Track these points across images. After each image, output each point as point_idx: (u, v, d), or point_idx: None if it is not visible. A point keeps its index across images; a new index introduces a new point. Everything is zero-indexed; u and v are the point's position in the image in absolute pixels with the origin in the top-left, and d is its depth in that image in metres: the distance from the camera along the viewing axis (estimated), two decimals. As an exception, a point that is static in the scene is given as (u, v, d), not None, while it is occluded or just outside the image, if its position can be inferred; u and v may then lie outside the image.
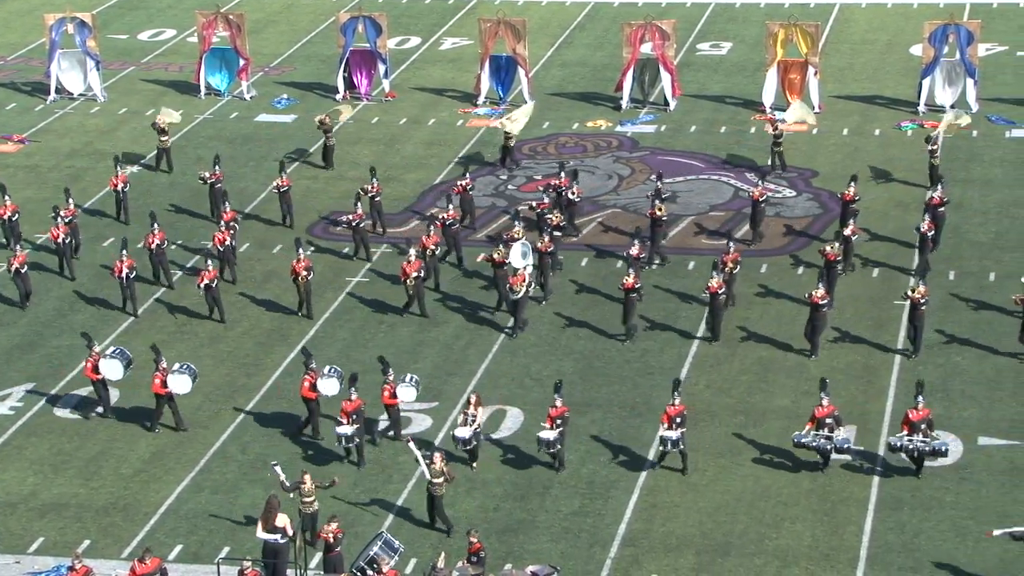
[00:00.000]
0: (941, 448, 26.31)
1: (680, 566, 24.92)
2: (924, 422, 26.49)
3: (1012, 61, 48.33)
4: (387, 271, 35.58)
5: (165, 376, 28.73)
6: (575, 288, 34.59)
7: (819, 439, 26.62)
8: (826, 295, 30.67)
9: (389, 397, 28.45)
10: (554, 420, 27.11)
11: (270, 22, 55.47)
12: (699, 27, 53.16)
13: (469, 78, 47.61)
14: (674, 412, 26.95)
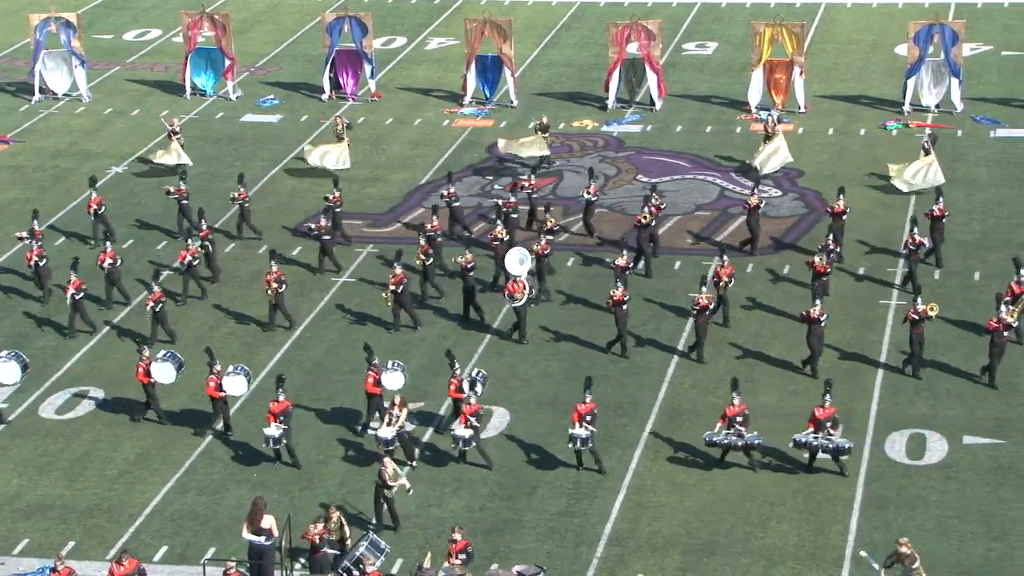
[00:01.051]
0: (843, 447, 26.54)
1: (666, 565, 24.94)
2: (829, 420, 26.71)
3: (997, 61, 48.46)
4: (370, 273, 35.55)
5: (221, 379, 28.51)
6: (562, 291, 34.59)
7: (730, 437, 26.84)
8: (823, 310, 29.89)
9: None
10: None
11: (256, 22, 55.39)
12: (685, 27, 53.21)
13: (455, 78, 47.60)
14: (584, 410, 26.98)
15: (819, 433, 26.66)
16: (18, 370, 29.39)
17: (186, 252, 33.97)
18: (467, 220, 37.53)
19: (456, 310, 33.61)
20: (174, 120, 42.53)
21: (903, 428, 28.50)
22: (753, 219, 35.56)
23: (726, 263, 32.26)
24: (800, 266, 34.92)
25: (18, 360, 29.47)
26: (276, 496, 26.86)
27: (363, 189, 40.30)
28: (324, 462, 28.07)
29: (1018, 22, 52.10)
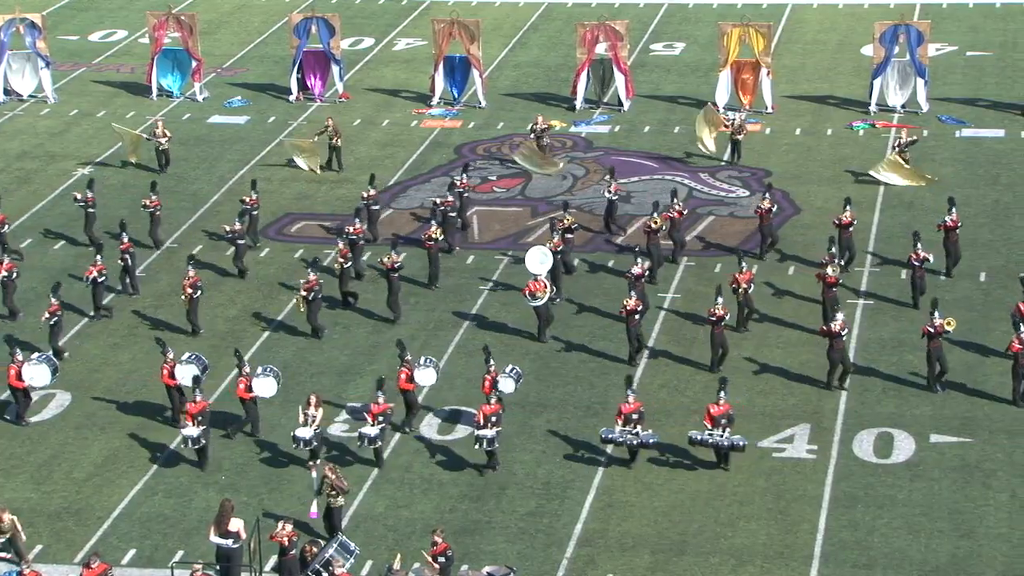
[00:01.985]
0: (738, 444, 26.73)
1: (636, 565, 24.97)
2: (724, 417, 26.85)
3: (962, 61, 48.75)
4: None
5: (250, 381, 28.39)
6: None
7: (626, 435, 26.93)
8: (845, 324, 29.28)
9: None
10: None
11: (222, 23, 55.21)
12: (652, 27, 53.32)
13: (423, 79, 47.57)
14: (489, 411, 27.05)
15: (715, 430, 26.79)
16: (48, 373, 29.07)
17: (93, 268, 33.00)
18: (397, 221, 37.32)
19: (423, 309, 33.57)
20: (159, 123, 42.16)
21: (871, 427, 28.63)
22: (766, 224, 35.10)
23: (744, 269, 31.66)
24: (768, 266, 35.04)
25: (48, 363, 29.20)
26: (245, 498, 26.76)
27: (331, 191, 40.20)
28: (293, 464, 27.97)
29: (983, 22, 52.44)
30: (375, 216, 37.01)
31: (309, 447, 27.23)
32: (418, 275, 34.87)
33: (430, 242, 34.36)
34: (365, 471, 27.68)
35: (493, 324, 33.01)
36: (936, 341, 29.05)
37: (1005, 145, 41.91)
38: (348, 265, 33.48)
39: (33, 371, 28.89)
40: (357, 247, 34.67)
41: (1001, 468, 27.15)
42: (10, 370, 29.02)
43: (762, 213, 35.20)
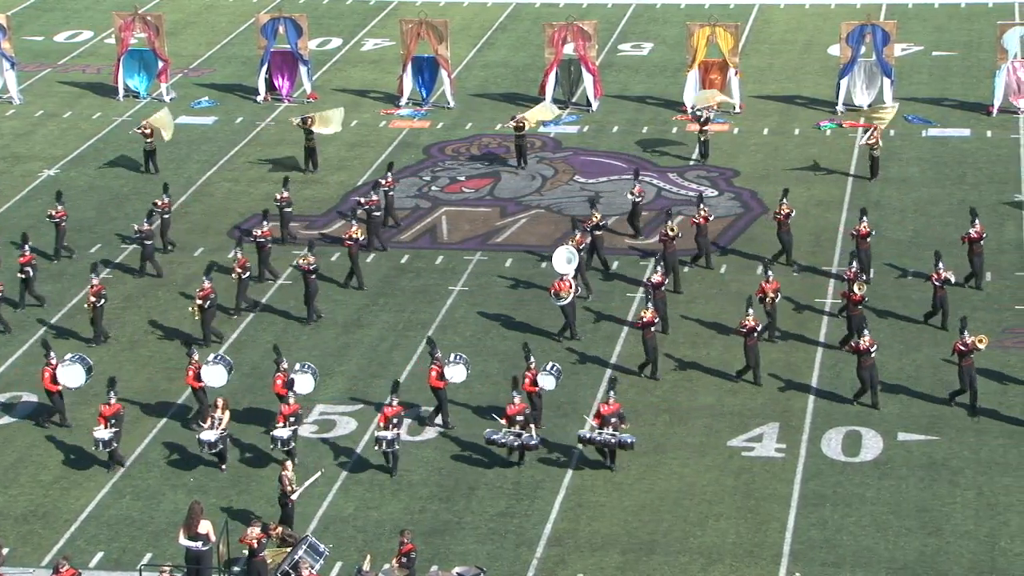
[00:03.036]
0: (626, 441, 26.85)
1: (606, 565, 25.00)
2: (615, 415, 26.94)
3: (928, 61, 49.00)
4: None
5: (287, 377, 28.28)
6: (506, 287, 34.66)
7: (508, 435, 26.99)
8: (873, 340, 28.56)
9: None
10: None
11: (189, 23, 54.99)
12: (620, 28, 53.40)
13: (391, 79, 47.51)
14: (391, 413, 27.09)
15: (604, 428, 26.89)
16: (83, 373, 28.87)
17: None
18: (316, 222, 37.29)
19: (392, 310, 33.53)
20: (144, 122, 41.97)
21: (839, 425, 28.73)
22: (784, 230, 34.48)
23: (771, 278, 31.10)
24: (739, 265, 35.13)
25: (83, 363, 28.98)
26: (213, 500, 26.66)
27: (300, 191, 40.09)
28: (262, 466, 27.88)
29: (948, 23, 52.73)
30: (288, 218, 36.76)
31: (215, 450, 27.23)
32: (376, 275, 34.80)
33: (350, 242, 34.27)
34: (334, 473, 27.61)
35: (462, 324, 32.99)
36: (968, 359, 28.27)
37: (971, 144, 42.15)
38: (247, 275, 32.93)
39: (67, 372, 28.61)
40: (264, 250, 34.46)
41: (968, 466, 27.30)
42: (44, 373, 28.78)
43: (780, 219, 34.54)
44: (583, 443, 27.29)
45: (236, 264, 32.99)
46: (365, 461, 27.96)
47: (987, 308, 32.83)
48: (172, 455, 28.29)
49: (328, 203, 39.53)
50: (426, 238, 37.50)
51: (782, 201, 34.72)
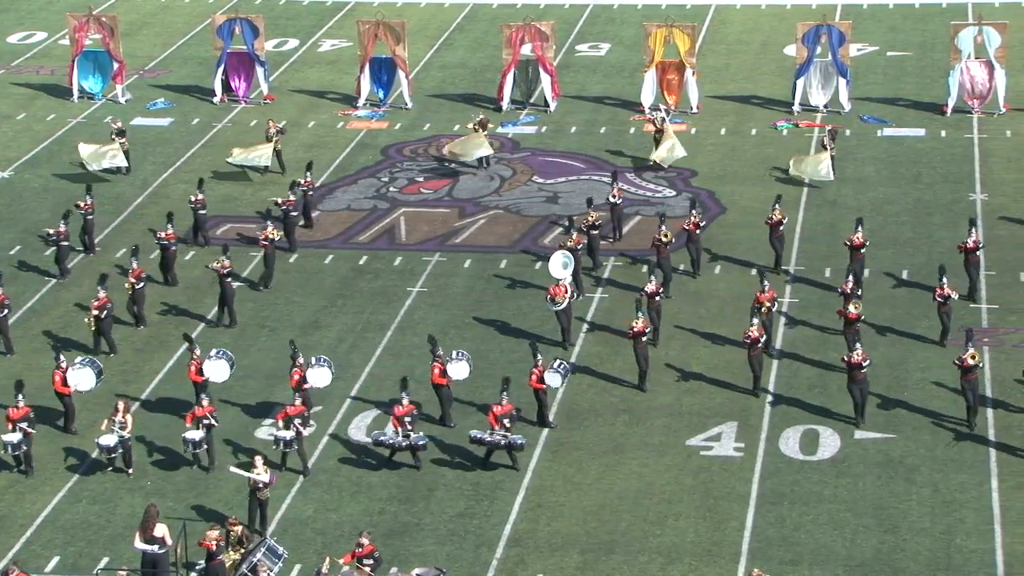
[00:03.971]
0: (517, 443, 26.94)
1: (566, 565, 25.02)
2: (507, 416, 27.01)
3: (882, 61, 49.32)
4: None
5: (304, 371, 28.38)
6: (461, 290, 34.64)
7: (396, 436, 27.02)
8: (866, 354, 28.17)
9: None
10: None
11: (144, 24, 54.68)
12: (578, 28, 53.48)
13: (349, 80, 47.40)
14: (293, 412, 27.10)
15: (496, 429, 26.95)
16: (93, 376, 28.69)
17: None
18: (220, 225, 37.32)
19: (350, 311, 33.45)
20: (118, 121, 41.73)
21: (797, 424, 28.87)
22: (775, 236, 34.06)
23: (767, 288, 30.70)
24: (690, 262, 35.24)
25: (93, 367, 28.80)
26: (171, 503, 26.51)
27: (256, 192, 39.93)
28: (220, 467, 27.74)
29: (902, 23, 53.10)
30: (202, 221, 36.58)
31: (113, 455, 27.11)
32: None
33: (265, 242, 34.15)
34: (294, 475, 27.51)
35: (421, 325, 32.94)
36: (970, 375, 27.79)
37: (926, 144, 42.45)
38: (141, 286, 32.56)
39: (77, 376, 28.42)
40: (169, 252, 34.28)
41: (924, 463, 27.49)
42: (55, 376, 28.58)
43: (771, 225, 34.16)
44: (473, 443, 27.26)
45: (131, 274, 32.50)
46: (323, 463, 27.86)
47: (942, 306, 33.05)
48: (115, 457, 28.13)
49: (286, 204, 39.34)
50: (384, 239, 37.45)
51: (774, 207, 34.44)
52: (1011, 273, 33.91)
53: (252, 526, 25.41)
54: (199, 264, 35.38)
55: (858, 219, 33.83)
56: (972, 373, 27.85)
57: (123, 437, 27.15)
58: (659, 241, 33.53)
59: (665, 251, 33.46)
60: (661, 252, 33.51)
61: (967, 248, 32.71)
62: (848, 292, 30.64)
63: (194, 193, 36.78)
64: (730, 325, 32.45)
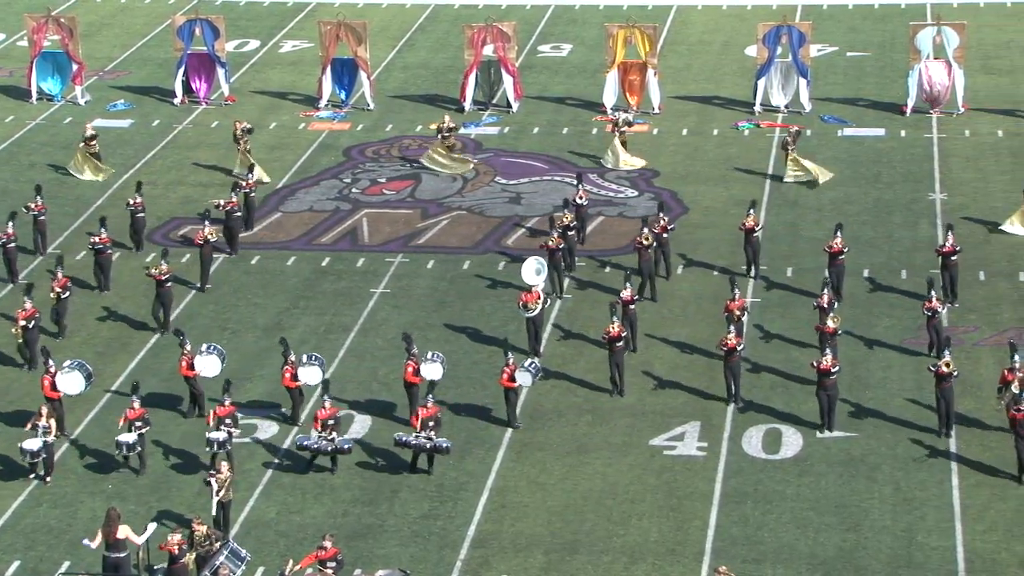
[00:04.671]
0: (442, 446, 26.95)
1: (530, 566, 25.03)
2: (432, 419, 27.03)
3: (843, 62, 49.58)
4: (230, 277, 35.16)
5: (296, 369, 28.48)
6: (426, 292, 34.61)
7: (320, 440, 26.96)
8: (835, 361, 28.11)
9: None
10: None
11: (103, 25, 54.36)
12: (540, 29, 53.52)
13: (310, 81, 47.27)
14: (223, 413, 27.11)
15: (420, 432, 26.95)
16: (82, 380, 28.50)
17: None
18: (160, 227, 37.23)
19: (313, 313, 33.36)
20: (87, 126, 41.44)
21: (760, 423, 28.98)
22: (750, 242, 33.77)
23: (737, 296, 30.56)
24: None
25: (82, 370, 28.61)
26: (133, 507, 26.37)
27: (218, 194, 39.73)
28: (181, 470, 27.62)
29: (862, 23, 53.40)
30: (141, 224, 36.37)
31: (35, 460, 26.93)
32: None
33: (200, 242, 34.08)
34: (257, 476, 27.41)
35: (384, 326, 32.89)
36: (944, 383, 27.74)
37: (886, 144, 42.71)
38: (66, 295, 32.16)
39: (66, 380, 28.24)
40: (104, 256, 34.10)
41: (885, 461, 27.65)
42: (44, 380, 28.35)
43: (746, 230, 33.95)
44: (398, 446, 27.24)
45: (55, 283, 32.04)
46: (287, 465, 27.78)
47: (903, 305, 33.28)
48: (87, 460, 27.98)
49: (247, 206, 39.21)
50: (347, 240, 37.37)
51: (749, 212, 34.34)
52: (970, 272, 34.16)
53: (215, 528, 25.29)
54: (139, 268, 34.99)
55: (837, 225, 33.66)
56: (947, 381, 27.87)
57: (47, 442, 26.88)
58: (640, 244, 33.45)
59: (646, 254, 33.37)
60: (642, 255, 33.43)
61: (944, 252, 32.74)
62: (824, 306, 30.37)
63: (132, 196, 36.52)
64: (693, 325, 32.55)
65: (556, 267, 33.66)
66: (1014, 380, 27.19)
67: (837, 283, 32.96)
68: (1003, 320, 32.50)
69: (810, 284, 34.29)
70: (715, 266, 35.31)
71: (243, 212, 36.86)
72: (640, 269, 33.40)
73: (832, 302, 30.63)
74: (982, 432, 28.27)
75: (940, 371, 27.86)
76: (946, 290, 32.60)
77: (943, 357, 28.11)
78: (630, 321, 30.69)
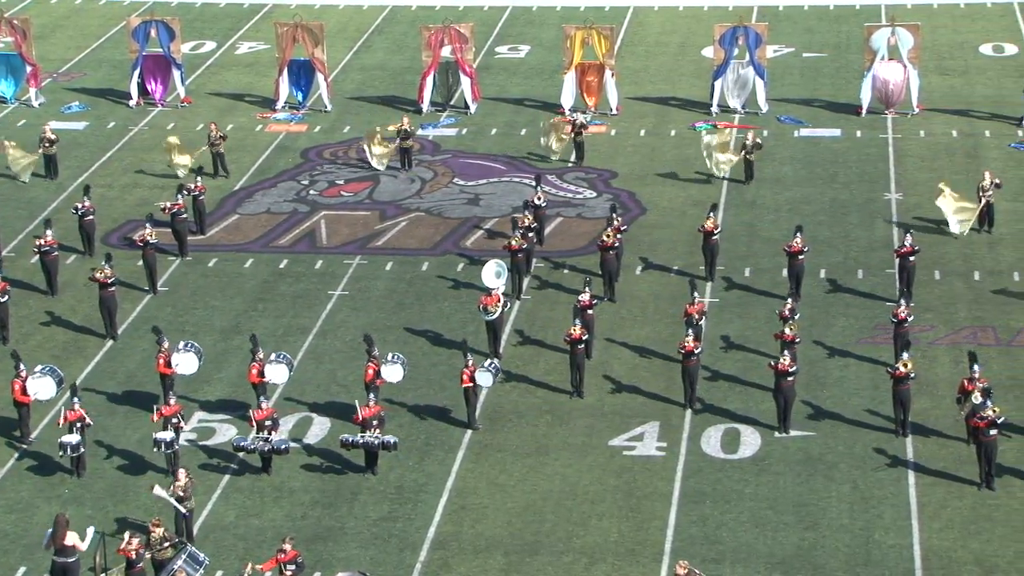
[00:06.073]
0: (389, 442, 27.04)
1: (489, 567, 25.02)
2: (376, 418, 27.12)
3: (799, 63, 49.83)
4: (186, 280, 34.99)
5: (263, 366, 28.48)
6: (383, 293, 34.55)
7: (257, 441, 26.95)
8: (793, 362, 28.13)
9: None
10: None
11: (57, 26, 53.97)
12: (497, 30, 53.52)
13: (267, 82, 47.09)
14: (168, 412, 27.15)
15: (366, 432, 27.02)
16: (53, 385, 28.27)
17: None
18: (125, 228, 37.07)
19: (270, 315, 33.23)
20: (46, 128, 41.08)
21: (718, 423, 29.08)
22: (709, 244, 33.83)
23: (696, 300, 30.72)
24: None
25: (53, 375, 28.39)
26: (89, 512, 26.19)
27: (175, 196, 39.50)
28: (139, 474, 27.45)
29: (818, 24, 53.68)
30: (91, 227, 36.11)
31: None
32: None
33: (140, 243, 33.92)
34: (216, 479, 27.27)
35: (342, 329, 32.80)
36: (901, 385, 27.85)
37: (841, 144, 42.95)
38: (5, 300, 31.92)
39: (37, 384, 28.02)
40: (50, 258, 33.83)
41: (842, 460, 27.80)
42: (14, 385, 28.13)
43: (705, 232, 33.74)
44: (344, 446, 27.20)
45: None
46: (245, 468, 27.65)
47: (859, 305, 33.48)
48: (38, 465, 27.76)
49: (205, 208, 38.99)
50: (305, 242, 37.25)
51: (709, 215, 34.36)
52: (926, 271, 34.40)
53: (180, 537, 25.16)
54: (86, 272, 34.76)
55: (797, 226, 33.72)
56: (904, 383, 28.01)
57: None
58: (602, 242, 33.45)
59: (609, 255, 33.36)
60: (605, 256, 33.40)
61: (902, 253, 32.90)
62: (786, 315, 30.27)
63: (80, 200, 36.25)
64: (652, 325, 32.64)
65: (517, 268, 33.69)
66: (974, 390, 27.35)
67: (796, 283, 33.14)
68: (958, 319, 32.76)
69: (767, 284, 34.47)
70: (672, 268, 35.40)
71: (193, 216, 36.69)
72: (602, 270, 33.44)
73: (794, 310, 30.53)
74: (938, 431, 28.46)
75: (898, 373, 28.02)
76: (903, 291, 32.76)
77: (901, 358, 28.27)
78: (588, 326, 30.68)
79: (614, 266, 33.54)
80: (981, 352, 29.88)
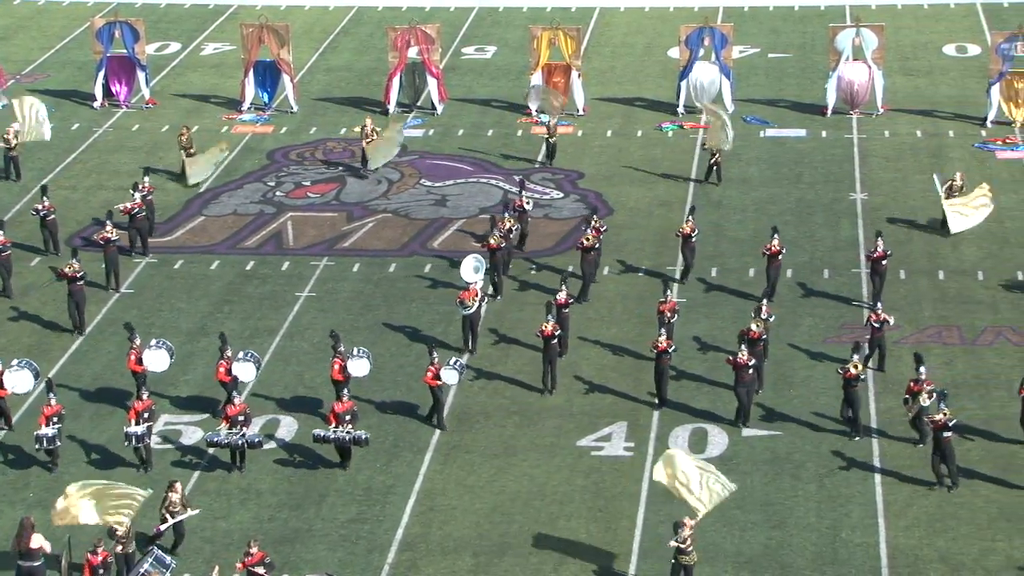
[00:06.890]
0: (361, 438, 27.18)
1: (458, 568, 25.00)
2: (348, 413, 27.25)
3: (764, 63, 50.02)
4: (150, 283, 34.83)
5: (231, 364, 28.51)
6: (352, 294, 34.47)
7: (231, 436, 27.02)
8: (752, 357, 28.31)
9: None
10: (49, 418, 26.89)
11: (20, 28, 53.64)
12: (464, 31, 53.50)
13: (233, 84, 46.93)
14: (141, 407, 27.09)
15: (339, 427, 27.12)
16: (31, 378, 28.26)
17: None
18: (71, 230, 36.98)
19: (237, 317, 33.11)
20: (9, 129, 40.80)
21: (686, 423, 29.15)
22: (687, 247, 33.96)
23: (669, 298, 30.88)
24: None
25: (30, 368, 28.36)
26: (55, 516, 25.99)
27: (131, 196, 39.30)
28: (108, 474, 27.29)
29: (783, 25, 53.90)
30: (54, 227, 35.96)
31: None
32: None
33: (102, 242, 33.84)
34: (184, 481, 27.14)
35: (310, 330, 32.71)
36: (851, 386, 27.93)
37: (807, 144, 43.13)
38: None
39: (15, 378, 27.99)
40: (3, 257, 33.73)
41: (809, 459, 27.91)
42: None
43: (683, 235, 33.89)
44: (316, 441, 27.27)
45: None
46: (212, 470, 27.54)
47: (825, 304, 33.63)
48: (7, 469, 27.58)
49: (170, 210, 38.88)
50: (271, 243, 37.14)
51: (687, 219, 34.43)
52: (891, 271, 34.54)
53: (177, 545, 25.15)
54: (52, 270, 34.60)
55: (773, 227, 33.70)
56: (854, 384, 28.13)
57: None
58: (581, 245, 33.48)
59: (588, 256, 33.39)
60: (584, 257, 33.43)
61: (875, 257, 32.93)
62: (765, 315, 30.34)
63: (40, 201, 36.04)
64: (620, 326, 32.69)
65: (496, 267, 33.66)
66: (920, 391, 27.52)
67: (772, 283, 33.24)
68: (924, 318, 32.94)
69: (734, 283, 34.58)
70: (640, 268, 35.48)
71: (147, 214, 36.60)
72: (582, 271, 33.48)
73: (769, 314, 30.58)
74: (904, 430, 28.60)
75: (848, 373, 28.10)
76: (875, 296, 32.79)
77: (852, 359, 28.29)
78: (562, 323, 30.72)
79: (592, 268, 33.58)
80: (946, 351, 30.05)
